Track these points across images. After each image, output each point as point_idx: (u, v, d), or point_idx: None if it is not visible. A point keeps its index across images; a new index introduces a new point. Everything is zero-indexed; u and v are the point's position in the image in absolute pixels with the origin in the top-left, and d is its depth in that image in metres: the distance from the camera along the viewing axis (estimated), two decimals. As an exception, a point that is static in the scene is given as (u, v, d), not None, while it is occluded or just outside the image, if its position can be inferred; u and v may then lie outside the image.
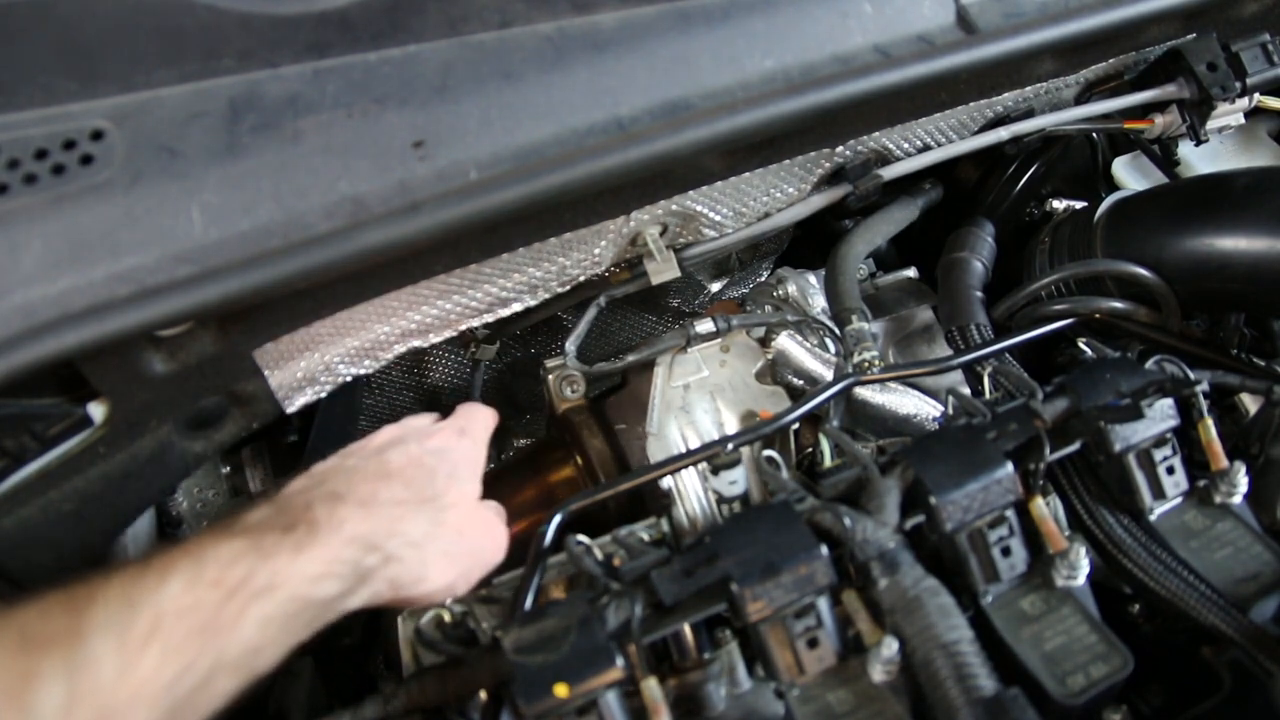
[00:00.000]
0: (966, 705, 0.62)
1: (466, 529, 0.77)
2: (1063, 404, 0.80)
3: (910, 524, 0.75)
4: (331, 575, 0.65)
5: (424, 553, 0.71)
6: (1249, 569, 0.76)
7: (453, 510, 0.75)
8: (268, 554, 0.62)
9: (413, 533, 0.71)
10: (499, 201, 0.77)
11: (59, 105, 0.76)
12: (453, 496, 0.76)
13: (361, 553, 0.67)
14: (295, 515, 0.66)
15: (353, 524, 0.67)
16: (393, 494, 0.72)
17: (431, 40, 0.84)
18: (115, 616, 0.55)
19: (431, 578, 0.72)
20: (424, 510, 0.73)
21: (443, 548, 0.73)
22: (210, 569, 0.60)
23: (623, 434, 1.06)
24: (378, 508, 0.70)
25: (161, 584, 0.58)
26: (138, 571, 0.59)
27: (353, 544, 0.67)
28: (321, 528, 0.66)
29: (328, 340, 0.87)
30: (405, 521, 0.71)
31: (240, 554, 0.61)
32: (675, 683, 0.73)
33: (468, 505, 0.78)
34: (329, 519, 0.67)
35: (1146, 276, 0.97)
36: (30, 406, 0.75)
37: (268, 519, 0.66)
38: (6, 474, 0.76)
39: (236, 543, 0.62)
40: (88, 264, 0.72)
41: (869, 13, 0.93)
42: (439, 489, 0.75)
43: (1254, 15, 1.08)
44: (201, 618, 0.58)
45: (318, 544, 0.65)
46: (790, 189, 1.01)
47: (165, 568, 0.59)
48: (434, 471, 0.77)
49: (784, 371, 1.07)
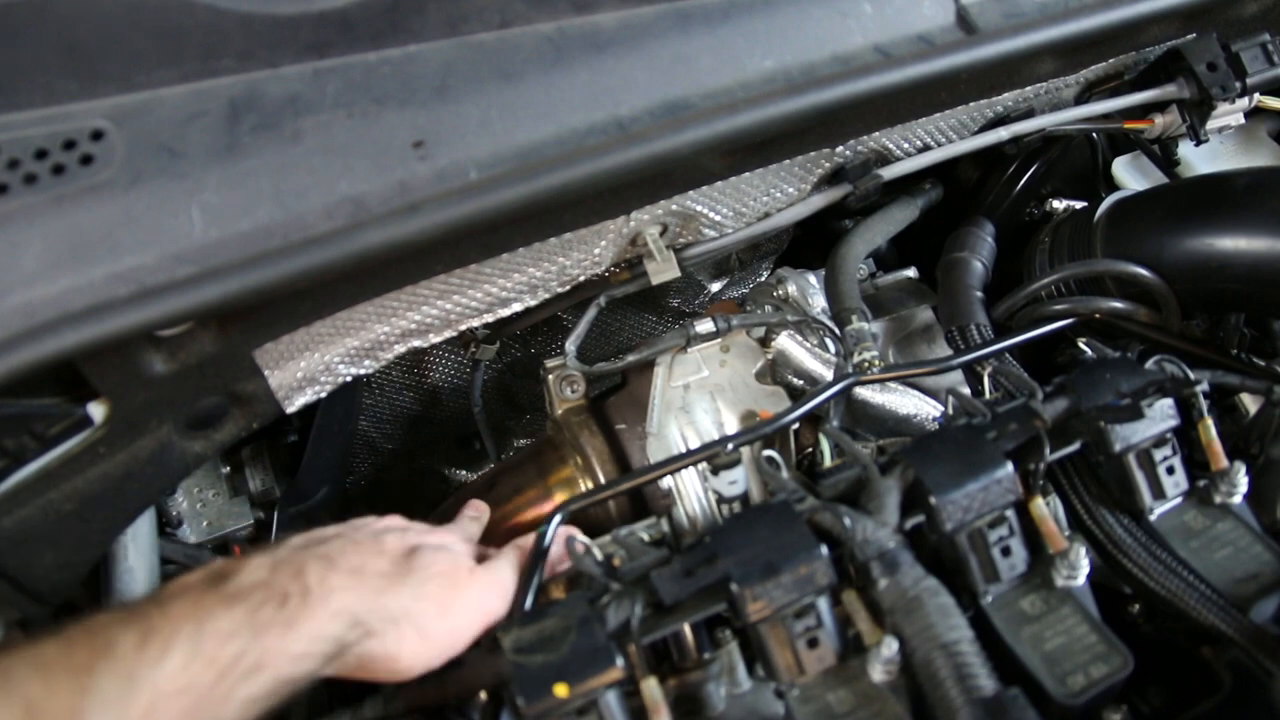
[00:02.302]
0: (966, 705, 0.62)
1: (449, 608, 0.73)
2: (1063, 404, 0.80)
3: (910, 524, 0.75)
4: (313, 654, 0.65)
5: (400, 631, 0.70)
6: (1249, 569, 0.76)
7: (434, 584, 0.73)
8: (260, 630, 0.63)
9: (393, 607, 0.70)
10: (499, 201, 0.77)
11: (59, 105, 0.76)
12: (437, 569, 0.74)
13: (345, 628, 0.67)
14: (287, 580, 0.67)
15: (340, 595, 0.68)
16: (379, 567, 0.72)
17: (431, 40, 0.84)
18: (115, 694, 0.58)
19: (403, 659, 0.70)
20: (405, 585, 0.72)
21: (420, 628, 0.71)
22: (208, 644, 0.61)
23: (623, 434, 1.06)
24: (364, 578, 0.70)
25: (162, 659, 0.60)
26: (140, 638, 0.60)
27: (339, 617, 0.67)
28: (313, 597, 0.67)
29: (328, 340, 0.87)
30: (386, 595, 0.70)
31: (236, 629, 0.63)
32: (675, 683, 0.73)
33: (454, 579, 0.75)
34: (320, 586, 0.67)
35: (1146, 276, 0.97)
36: (30, 406, 0.75)
37: (263, 582, 0.67)
38: (6, 474, 0.76)
39: (235, 613, 0.63)
40: (88, 264, 0.72)
41: (869, 13, 0.93)
42: (424, 563, 0.74)
43: (1254, 15, 1.08)
44: (194, 698, 0.60)
45: (307, 617, 0.65)
46: (790, 189, 1.01)
47: (168, 639, 0.61)
48: (421, 549, 0.76)
49: (784, 371, 1.07)
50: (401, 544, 0.77)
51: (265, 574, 0.67)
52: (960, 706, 0.62)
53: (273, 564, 0.69)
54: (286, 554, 0.71)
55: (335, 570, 0.69)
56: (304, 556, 0.70)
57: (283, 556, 0.70)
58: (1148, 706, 0.78)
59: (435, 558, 0.76)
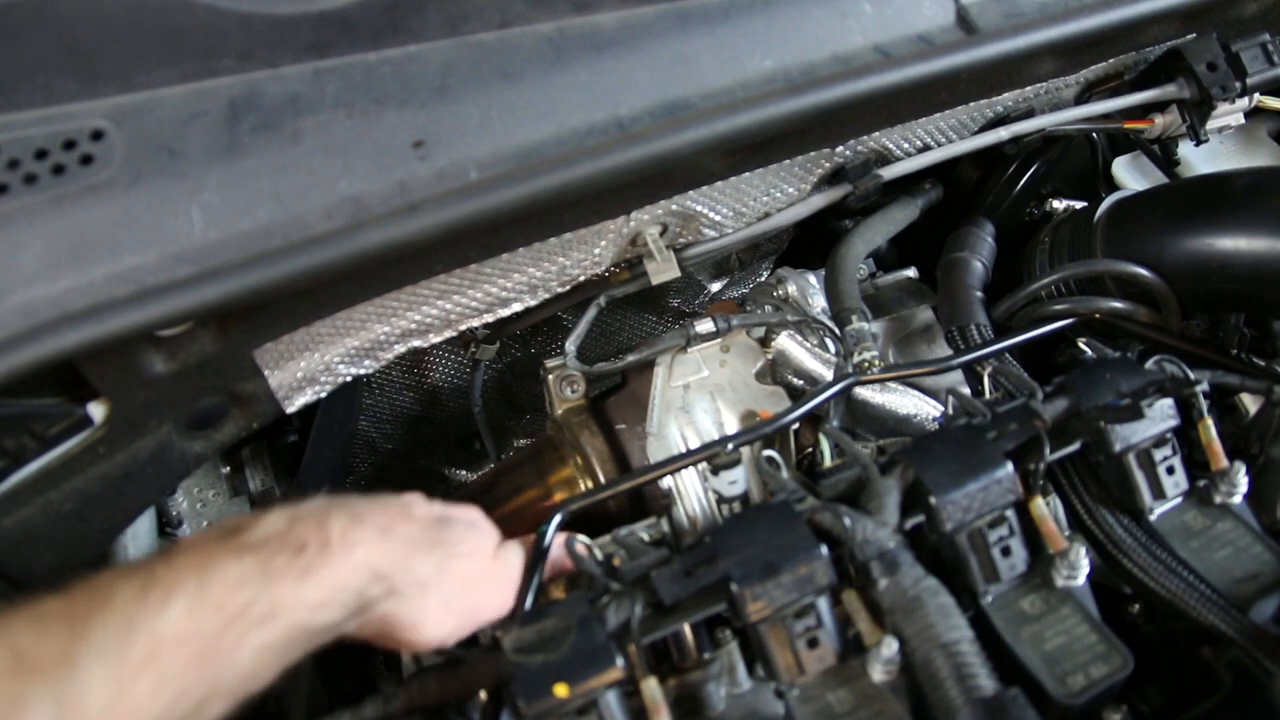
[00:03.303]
0: (966, 705, 0.62)
1: (473, 583, 0.73)
2: (1063, 404, 0.80)
3: (910, 524, 0.75)
4: (334, 603, 0.63)
5: (426, 597, 0.69)
6: (1249, 569, 0.76)
7: (463, 560, 0.72)
8: (274, 577, 0.60)
9: (420, 572, 0.68)
10: (499, 201, 0.77)
11: (59, 105, 0.76)
12: (468, 546, 0.74)
13: (368, 581, 0.65)
14: (308, 531, 0.64)
15: (365, 548, 0.65)
16: (409, 531, 0.70)
17: (431, 40, 0.84)
18: (112, 640, 0.55)
19: (427, 626, 0.70)
20: (435, 553, 0.70)
21: (444, 598, 0.70)
22: (215, 591, 0.59)
23: (623, 434, 1.06)
24: (393, 536, 0.68)
25: (164, 606, 0.57)
26: (141, 588, 0.58)
27: (361, 570, 0.65)
28: (334, 547, 0.64)
29: (328, 340, 0.87)
30: (415, 559, 0.68)
31: (246, 576, 0.60)
32: (675, 683, 0.73)
33: (481, 558, 0.75)
34: (343, 538, 0.65)
35: (1146, 276, 0.97)
36: (30, 406, 0.75)
37: (279, 533, 0.64)
38: (6, 474, 0.76)
39: (245, 562, 0.60)
40: (88, 264, 0.72)
41: (869, 13, 0.93)
42: (455, 536, 0.73)
43: (1254, 15, 1.08)
44: (200, 645, 0.57)
45: (326, 566, 0.63)
46: (790, 189, 1.01)
47: (170, 587, 0.58)
48: (453, 522, 0.75)
49: (784, 371, 1.07)
50: (431, 512, 0.75)
51: (283, 525, 0.64)
52: (960, 706, 0.62)
53: (292, 517, 0.65)
54: (309, 509, 0.67)
55: (361, 525, 0.66)
56: (328, 510, 0.67)
57: (304, 511, 0.67)
58: (1148, 706, 0.78)
59: (466, 534, 0.74)
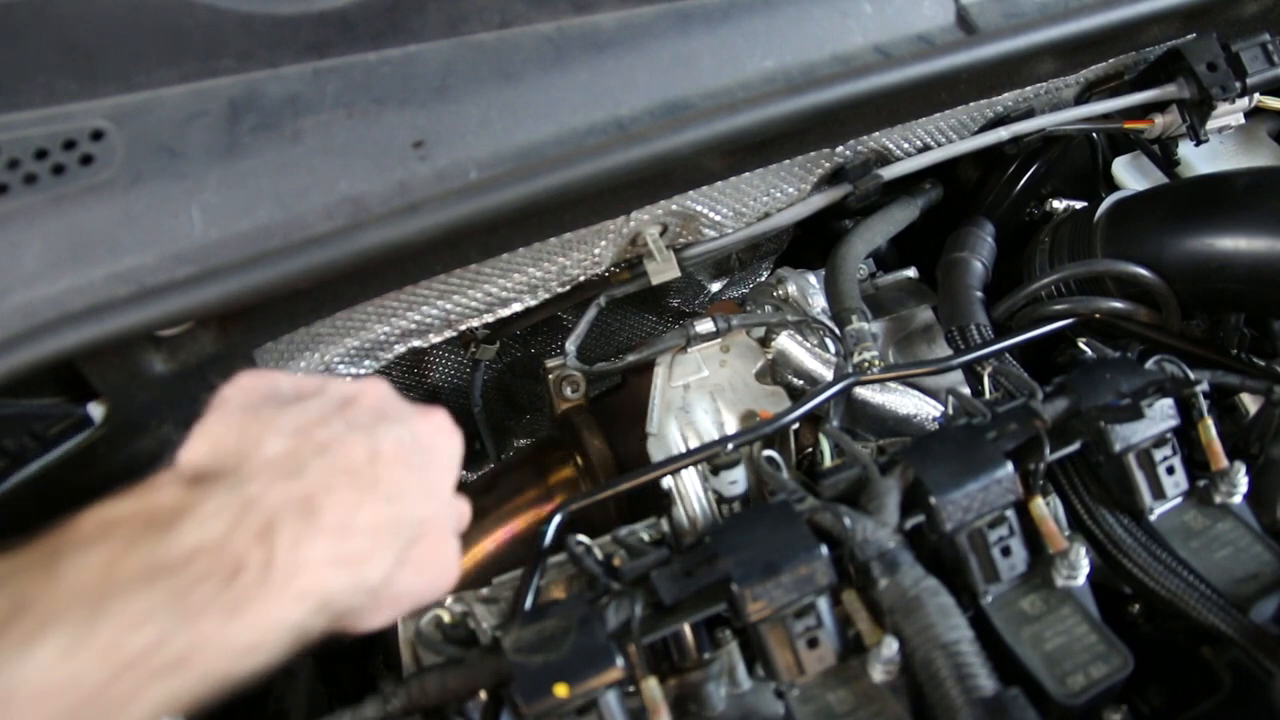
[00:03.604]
0: (966, 705, 0.62)
1: (427, 564, 0.64)
2: (1063, 404, 0.80)
3: (910, 524, 0.75)
4: (265, 646, 0.51)
5: (377, 599, 0.59)
6: (1249, 569, 0.76)
7: (422, 542, 0.62)
8: (192, 615, 0.47)
9: (373, 577, 0.57)
10: (499, 201, 0.77)
11: (59, 105, 0.76)
12: (426, 520, 0.62)
13: (310, 613, 0.53)
14: (248, 544, 0.50)
15: (313, 572, 0.52)
16: (374, 514, 0.57)
17: (431, 40, 0.84)
18: None
19: (369, 625, 0.61)
20: (395, 542, 0.58)
21: (397, 590, 0.61)
22: (104, 630, 0.45)
23: (623, 434, 1.06)
24: (350, 541, 0.55)
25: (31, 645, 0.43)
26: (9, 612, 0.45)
27: (304, 600, 0.52)
28: (277, 569, 0.51)
29: (328, 340, 0.87)
30: (371, 564, 0.56)
31: (154, 611, 0.46)
32: (675, 683, 0.73)
33: (437, 532, 0.65)
34: (290, 554, 0.51)
35: (1146, 276, 0.97)
36: (30, 406, 0.75)
37: (212, 545, 0.50)
38: (6, 474, 0.76)
39: (155, 592, 0.47)
40: (88, 264, 0.72)
41: (869, 13, 0.93)
42: (415, 508, 0.60)
43: (1254, 15, 1.08)
44: (72, 701, 0.44)
45: (264, 599, 0.50)
46: (790, 189, 1.01)
47: (44, 618, 0.44)
48: (415, 482, 0.61)
49: (784, 371, 1.07)
50: (397, 447, 0.60)
51: (221, 528, 0.50)
52: (960, 706, 0.62)
53: (238, 509, 0.51)
54: (258, 488, 0.53)
55: (315, 527, 0.53)
56: (279, 499, 0.53)
57: (251, 495, 0.52)
58: (1148, 706, 0.78)
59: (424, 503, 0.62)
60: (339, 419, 0.59)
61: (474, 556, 1.01)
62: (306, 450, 0.56)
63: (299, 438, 0.57)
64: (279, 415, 0.58)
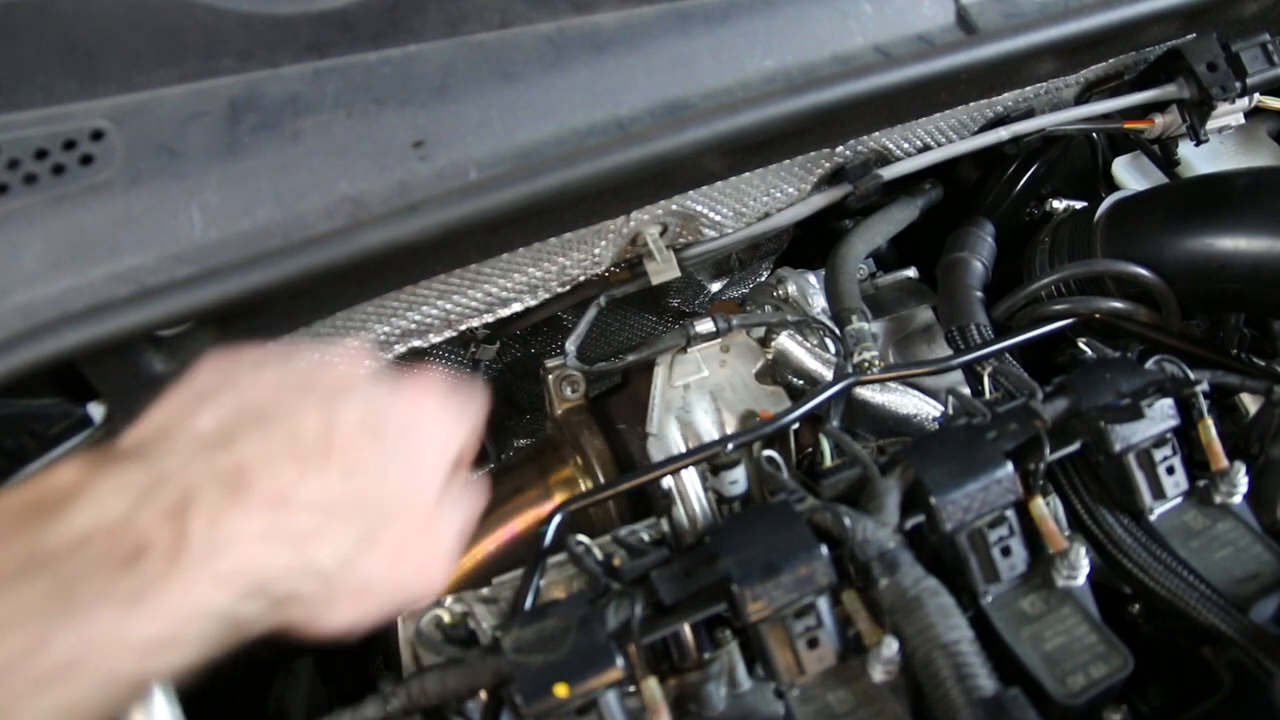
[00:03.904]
0: (966, 705, 0.62)
1: (404, 553, 0.55)
2: (1063, 404, 0.80)
3: (910, 524, 0.75)
4: (184, 639, 0.43)
5: (333, 588, 0.50)
6: (1249, 569, 0.76)
7: (396, 527, 0.53)
8: (79, 610, 0.40)
9: (325, 561, 0.49)
10: (499, 201, 0.77)
11: (59, 105, 0.76)
12: (400, 502, 0.54)
13: (239, 598, 0.45)
14: (154, 524, 0.43)
15: (241, 549, 0.45)
16: (323, 488, 0.49)
17: (431, 40, 0.84)
18: None
19: (329, 621, 0.51)
20: (355, 521, 0.50)
21: (360, 581, 0.52)
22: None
23: (623, 434, 1.06)
24: (290, 515, 0.47)
25: None
26: None
27: (230, 583, 0.44)
28: (192, 550, 0.43)
29: (328, 340, 0.87)
30: (320, 543, 0.48)
31: (33, 609, 0.40)
32: (675, 683, 0.73)
33: (417, 518, 0.56)
34: (208, 533, 0.44)
35: (1146, 276, 0.97)
36: (30, 406, 0.75)
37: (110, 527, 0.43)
38: (6, 474, 0.76)
39: (34, 585, 0.40)
40: (88, 264, 0.72)
41: (869, 13, 0.93)
42: (386, 490, 0.52)
43: (1254, 15, 1.08)
44: None
45: (173, 586, 0.42)
46: (790, 189, 1.01)
47: None
48: (383, 458, 0.53)
49: (784, 371, 1.07)
50: (361, 420, 0.52)
51: (120, 508, 0.43)
52: (960, 706, 0.62)
53: (145, 486, 0.44)
54: (175, 463, 0.46)
55: (242, 501, 0.46)
56: (199, 472, 0.45)
57: (165, 470, 0.45)
58: (1148, 706, 0.78)
59: (400, 488, 0.54)
60: (294, 390, 0.52)
61: (474, 556, 1.01)
62: (243, 421, 0.49)
63: (238, 410, 0.50)
64: (223, 389, 0.52)
